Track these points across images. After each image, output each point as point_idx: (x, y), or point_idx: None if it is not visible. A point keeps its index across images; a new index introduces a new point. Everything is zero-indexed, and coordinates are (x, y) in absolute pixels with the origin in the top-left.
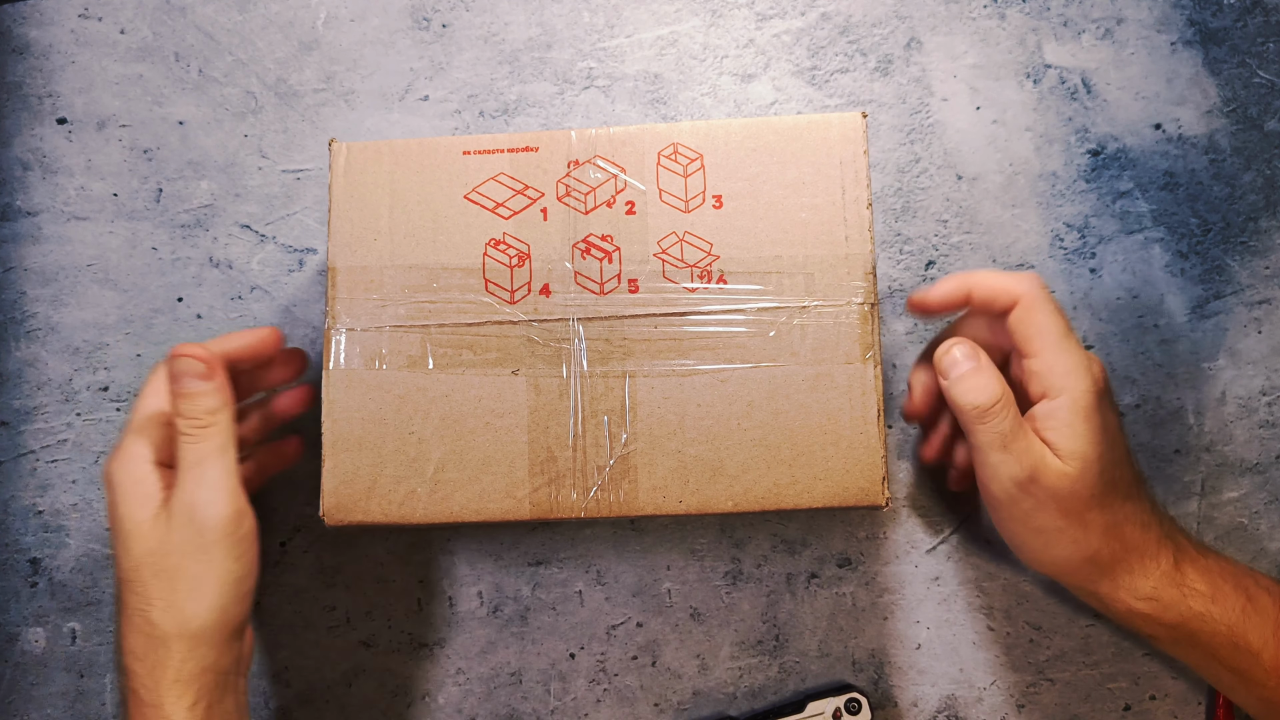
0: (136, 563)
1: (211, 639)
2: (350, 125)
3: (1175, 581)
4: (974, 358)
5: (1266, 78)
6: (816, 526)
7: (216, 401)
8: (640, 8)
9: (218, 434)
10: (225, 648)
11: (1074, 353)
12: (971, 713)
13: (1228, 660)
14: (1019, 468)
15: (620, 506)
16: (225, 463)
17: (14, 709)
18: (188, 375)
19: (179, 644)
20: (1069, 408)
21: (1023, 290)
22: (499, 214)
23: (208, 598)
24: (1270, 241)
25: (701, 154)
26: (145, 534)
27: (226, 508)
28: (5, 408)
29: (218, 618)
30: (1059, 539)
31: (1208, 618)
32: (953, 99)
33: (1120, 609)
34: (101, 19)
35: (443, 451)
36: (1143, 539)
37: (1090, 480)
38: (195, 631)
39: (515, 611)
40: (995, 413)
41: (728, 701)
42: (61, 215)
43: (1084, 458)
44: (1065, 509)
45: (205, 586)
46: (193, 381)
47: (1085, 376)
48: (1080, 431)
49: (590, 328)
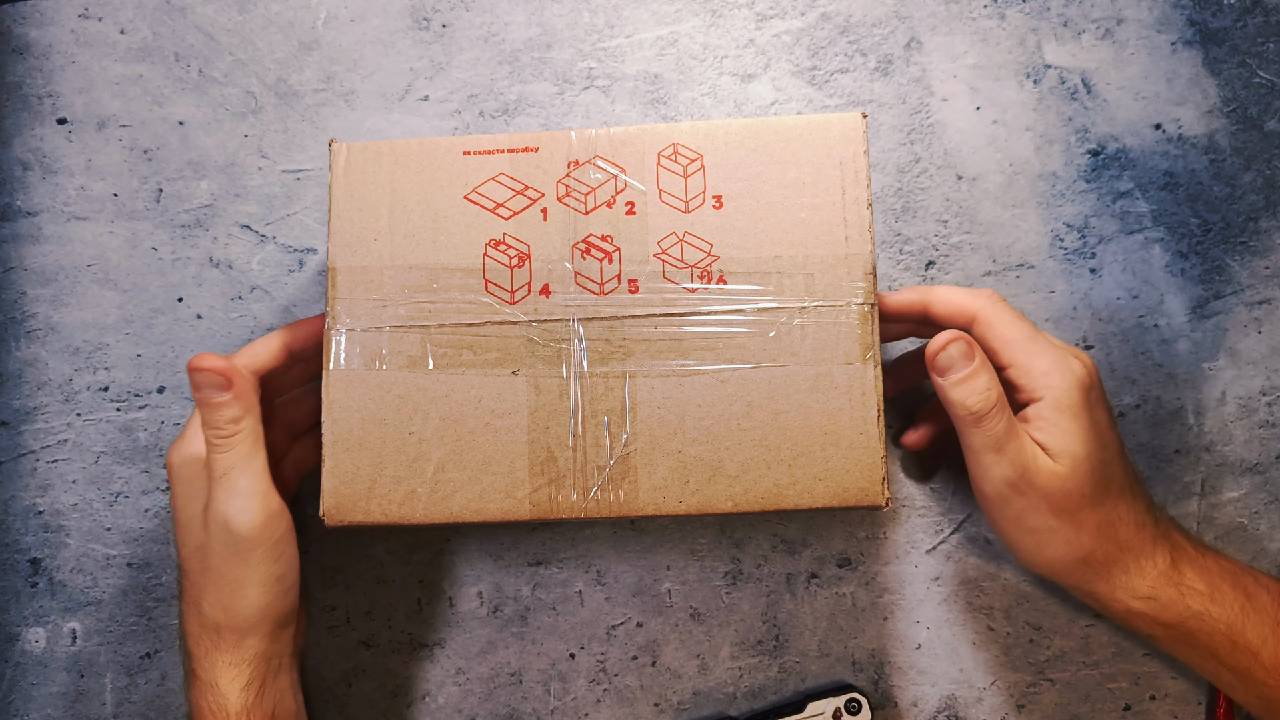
0: (188, 556)
1: (258, 630)
2: (350, 125)
3: (1173, 581)
4: (972, 358)
5: (1266, 78)
6: (816, 526)
7: (238, 410)
8: (640, 8)
9: (243, 441)
10: (274, 637)
11: (1046, 353)
12: (971, 713)
13: (1227, 659)
14: (1011, 469)
15: (620, 507)
16: (254, 469)
17: (14, 709)
18: (207, 386)
19: (229, 634)
20: (1053, 407)
21: (978, 306)
22: (499, 214)
23: (250, 597)
24: (1270, 241)
25: (701, 154)
26: (195, 531)
27: (258, 515)
28: (5, 408)
29: (262, 613)
30: (1052, 539)
31: (1206, 617)
32: (953, 99)
33: (1118, 609)
34: (101, 19)
35: (443, 452)
36: (1138, 538)
37: (1081, 478)
38: (242, 625)
39: (515, 611)
40: (992, 416)
41: (728, 701)
42: (61, 215)
43: (1074, 455)
44: (1057, 509)
45: (248, 587)
46: (213, 392)
47: (1065, 374)
48: (1068, 429)
49: (590, 328)
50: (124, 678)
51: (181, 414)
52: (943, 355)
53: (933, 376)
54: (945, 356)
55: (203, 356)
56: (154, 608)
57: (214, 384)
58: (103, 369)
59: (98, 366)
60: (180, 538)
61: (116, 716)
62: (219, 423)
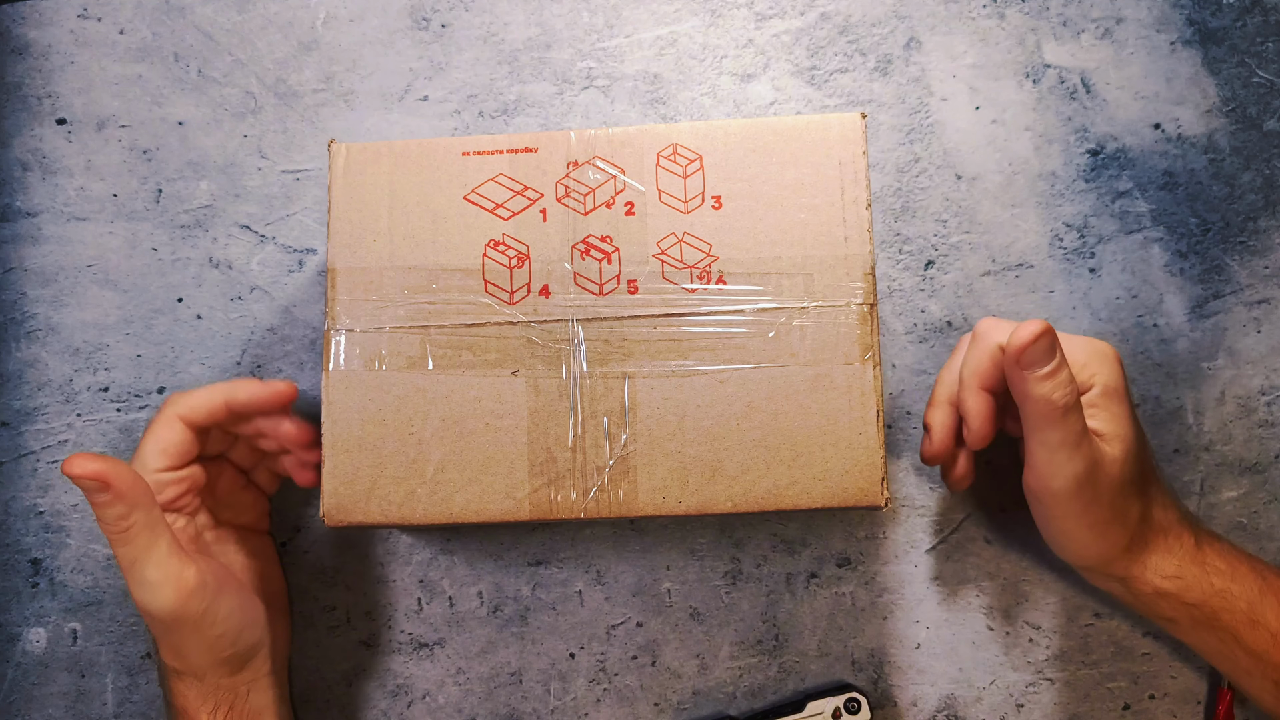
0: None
1: (218, 671)
2: (350, 125)
3: (1197, 560)
4: (1054, 352)
5: (1266, 77)
6: (816, 526)
7: (123, 508)
8: (640, 8)
9: (138, 534)
10: (236, 670)
11: (1078, 344)
12: (971, 712)
13: (1247, 640)
14: (1085, 463)
15: (620, 507)
16: (156, 557)
17: (15, 709)
18: (87, 490)
19: (188, 675)
20: (1103, 393)
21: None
22: (498, 215)
23: (201, 654)
24: (1269, 241)
25: (701, 154)
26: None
27: (172, 600)
28: (5, 408)
29: (214, 661)
30: (1109, 529)
31: (1228, 595)
32: (952, 99)
33: (1146, 590)
34: (101, 19)
35: (442, 452)
36: (1166, 518)
37: (1132, 461)
38: (198, 670)
39: (515, 611)
40: (1074, 410)
41: (727, 701)
42: (61, 215)
43: (1125, 438)
44: (1115, 496)
45: (195, 647)
46: (95, 494)
47: (1107, 359)
48: (1118, 413)
49: (590, 328)
50: (125, 678)
51: None
52: (1032, 349)
53: (1011, 371)
54: (1035, 350)
55: (77, 459)
56: None
57: (91, 488)
58: (103, 369)
59: (98, 367)
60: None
61: (118, 716)
62: (109, 519)
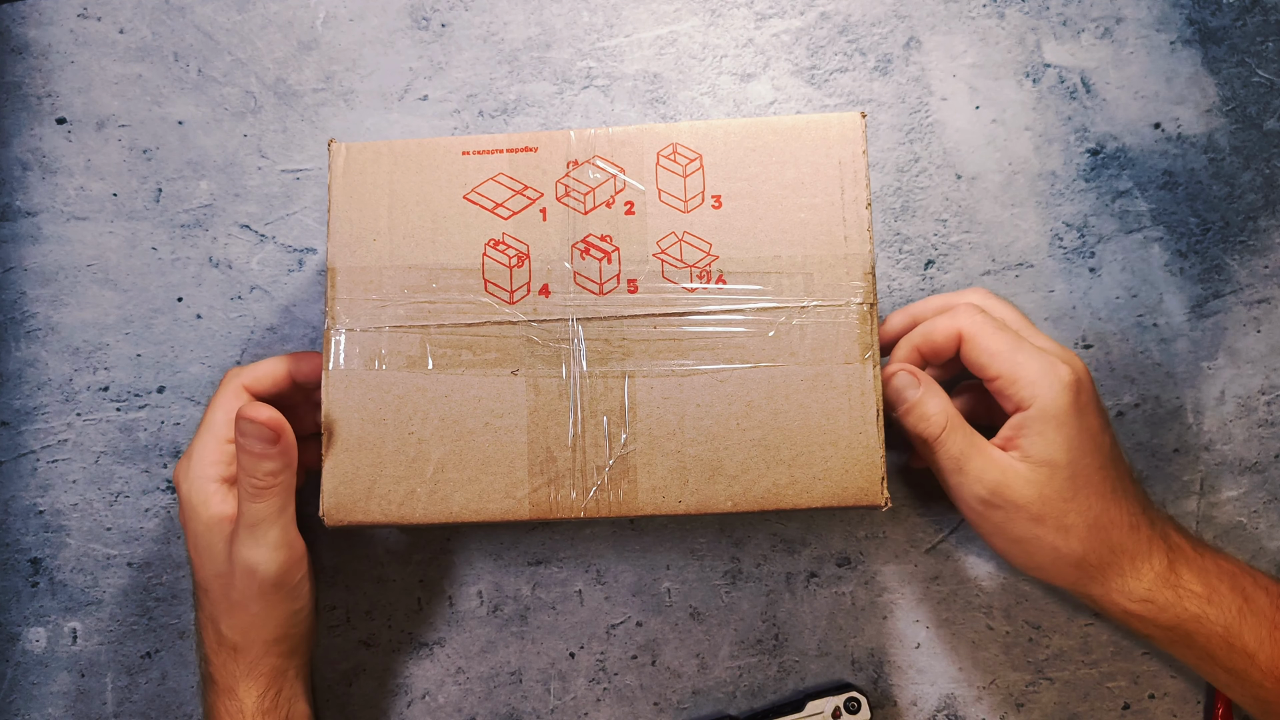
0: (208, 579)
1: (275, 651)
2: (350, 125)
3: (1170, 583)
4: (916, 386)
5: (1265, 77)
6: (816, 526)
7: (279, 464)
8: (639, 7)
9: (278, 494)
10: (289, 654)
11: (1032, 361)
12: (971, 711)
13: (1224, 661)
14: (980, 486)
15: (620, 506)
16: (283, 522)
17: (15, 708)
18: (254, 438)
19: (246, 653)
20: (1039, 417)
21: (961, 325)
22: (498, 214)
23: (269, 628)
24: (1269, 240)
25: (700, 154)
26: (216, 560)
27: (283, 564)
28: (5, 408)
29: (279, 639)
30: (1038, 546)
31: (1203, 619)
32: (952, 98)
33: (1115, 610)
34: (100, 19)
35: (442, 452)
36: (1132, 540)
37: (1059, 485)
38: (259, 648)
39: (515, 611)
40: (944, 439)
41: (727, 700)
42: (61, 215)
43: (1052, 464)
44: (1037, 517)
45: (267, 620)
46: (259, 444)
47: (1052, 381)
48: (1051, 438)
49: (589, 328)
50: (124, 677)
51: (181, 414)
52: (888, 390)
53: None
54: (890, 390)
55: (254, 406)
56: (154, 607)
57: (262, 436)
58: (103, 369)
59: (98, 366)
60: (197, 559)
61: (117, 716)
62: (258, 473)
